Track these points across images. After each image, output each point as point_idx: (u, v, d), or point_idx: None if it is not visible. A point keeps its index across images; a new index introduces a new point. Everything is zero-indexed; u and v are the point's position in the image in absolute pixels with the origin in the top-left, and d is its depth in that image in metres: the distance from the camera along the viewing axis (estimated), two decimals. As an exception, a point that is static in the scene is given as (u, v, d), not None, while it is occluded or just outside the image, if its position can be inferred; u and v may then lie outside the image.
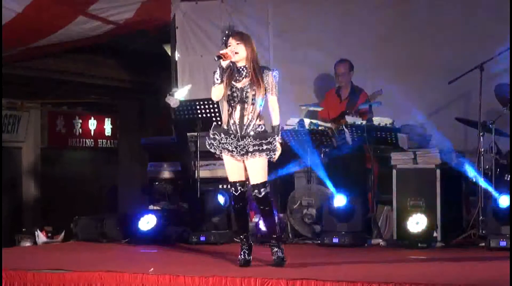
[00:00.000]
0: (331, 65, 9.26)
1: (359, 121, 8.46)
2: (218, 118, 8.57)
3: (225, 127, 6.34)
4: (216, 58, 6.20)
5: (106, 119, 14.59)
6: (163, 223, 8.58)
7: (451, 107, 9.19)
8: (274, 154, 6.27)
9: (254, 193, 6.32)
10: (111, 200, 13.17)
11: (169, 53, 10.98)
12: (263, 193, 6.29)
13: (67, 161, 13.71)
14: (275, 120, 6.35)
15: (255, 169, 6.29)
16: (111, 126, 14.64)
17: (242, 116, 6.27)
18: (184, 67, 10.70)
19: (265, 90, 6.27)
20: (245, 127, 6.27)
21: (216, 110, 8.58)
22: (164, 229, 8.53)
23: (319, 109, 9.10)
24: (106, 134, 14.61)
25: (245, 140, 6.25)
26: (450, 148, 8.39)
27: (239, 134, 6.27)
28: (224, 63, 6.20)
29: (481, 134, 8.01)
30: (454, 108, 9.12)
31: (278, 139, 6.29)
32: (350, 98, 9.07)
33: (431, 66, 9.40)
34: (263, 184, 6.30)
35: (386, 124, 8.30)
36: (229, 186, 6.51)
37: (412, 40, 9.53)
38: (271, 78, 6.29)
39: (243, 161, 6.32)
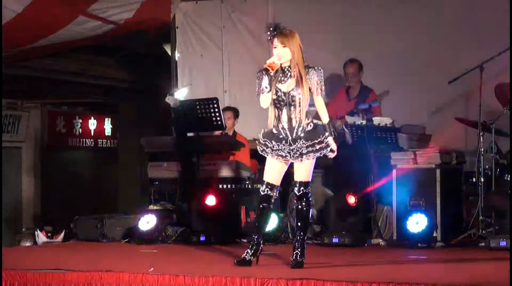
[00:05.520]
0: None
1: (359, 121, 8.46)
2: (218, 118, 8.57)
3: (275, 132, 6.27)
4: (264, 72, 6.11)
5: (106, 119, 14.58)
6: (163, 223, 8.58)
7: (451, 107, 9.18)
8: (327, 151, 6.22)
9: (295, 190, 6.31)
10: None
11: (169, 53, 10.98)
12: (304, 192, 6.27)
13: (67, 161, 13.70)
14: (324, 119, 6.28)
15: (303, 169, 6.25)
16: (111, 126, 14.63)
17: (290, 119, 6.21)
18: (184, 67, 10.70)
19: (310, 90, 6.19)
20: (295, 129, 6.20)
21: (216, 110, 8.57)
22: (164, 229, 8.53)
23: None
24: (106, 134, 14.60)
25: (297, 143, 6.18)
26: (450, 148, 8.39)
27: (290, 138, 6.21)
28: (273, 72, 6.12)
29: (481, 134, 8.00)
30: (454, 108, 9.12)
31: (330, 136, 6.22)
32: (359, 98, 9.05)
33: (431, 66, 9.40)
34: (307, 183, 6.28)
35: (386, 124, 8.30)
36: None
37: (412, 40, 9.52)
38: (315, 78, 6.20)
39: (291, 163, 6.28)
